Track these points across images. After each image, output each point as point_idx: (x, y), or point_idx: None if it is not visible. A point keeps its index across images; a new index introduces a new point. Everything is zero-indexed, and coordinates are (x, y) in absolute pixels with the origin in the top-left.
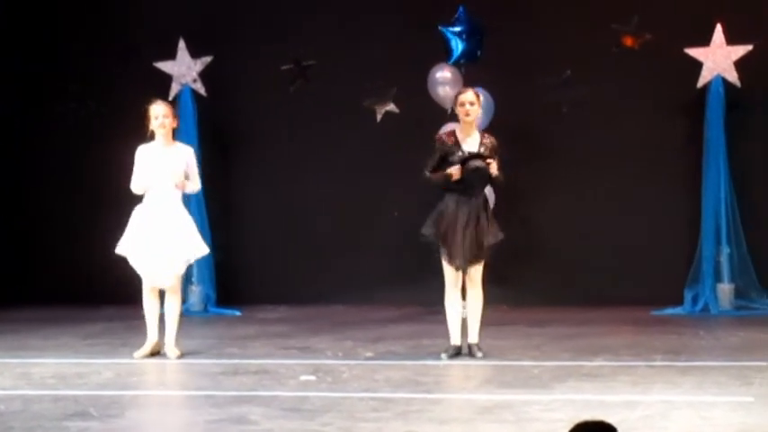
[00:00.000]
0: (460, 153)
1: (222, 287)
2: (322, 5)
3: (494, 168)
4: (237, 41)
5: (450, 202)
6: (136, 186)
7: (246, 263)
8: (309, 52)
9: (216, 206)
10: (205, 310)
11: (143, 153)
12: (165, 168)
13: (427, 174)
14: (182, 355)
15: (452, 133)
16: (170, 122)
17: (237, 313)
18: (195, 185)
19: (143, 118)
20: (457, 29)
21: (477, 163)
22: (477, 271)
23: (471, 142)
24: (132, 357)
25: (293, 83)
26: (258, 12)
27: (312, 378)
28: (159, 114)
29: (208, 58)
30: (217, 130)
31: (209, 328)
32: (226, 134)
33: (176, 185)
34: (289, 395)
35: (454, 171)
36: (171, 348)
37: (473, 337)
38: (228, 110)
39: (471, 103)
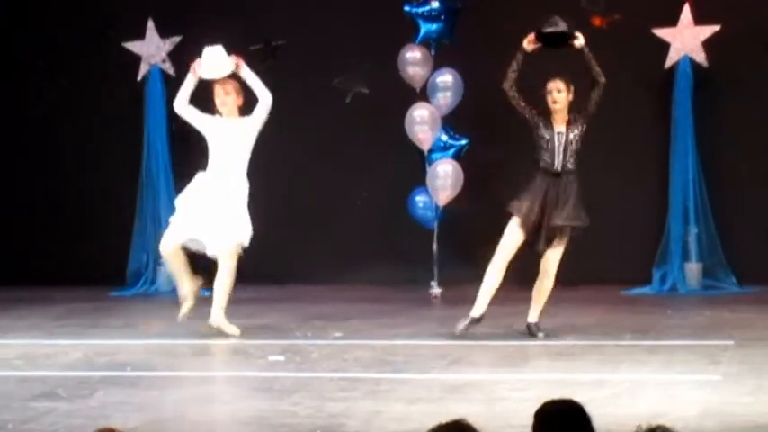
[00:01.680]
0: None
1: (191, 267)
2: None
3: (580, 41)
4: (207, 21)
5: (537, 178)
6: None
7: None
8: (279, 32)
9: (185, 186)
10: (174, 290)
11: (207, 117)
12: (226, 142)
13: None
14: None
15: (543, 115)
16: (231, 100)
17: (207, 293)
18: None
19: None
20: (426, 9)
21: (553, 28)
22: (554, 257)
23: (561, 127)
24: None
25: (263, 62)
26: None
27: (281, 358)
28: (219, 93)
29: (177, 39)
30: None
31: (176, 309)
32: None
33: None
34: (258, 375)
35: (528, 38)
36: (224, 322)
37: (534, 317)
38: (197, 90)
39: (559, 91)
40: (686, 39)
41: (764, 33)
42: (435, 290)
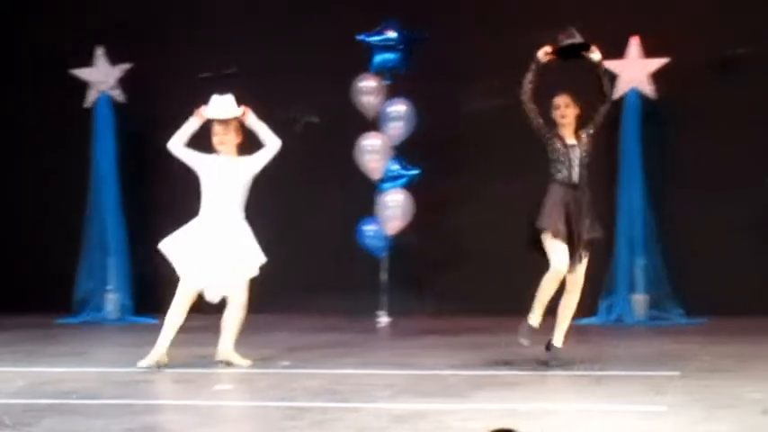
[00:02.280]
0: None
1: (139, 295)
2: (244, 14)
3: (596, 53)
4: (157, 49)
5: (554, 192)
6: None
7: (165, 271)
8: (231, 60)
9: (133, 213)
10: (121, 318)
11: (204, 156)
12: (225, 182)
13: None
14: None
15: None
16: (231, 139)
17: (155, 321)
18: (271, 138)
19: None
20: (381, 38)
21: (572, 40)
22: (582, 271)
23: (570, 138)
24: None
25: (213, 91)
26: (179, 19)
27: (229, 387)
28: (218, 132)
29: (127, 66)
30: (135, 136)
31: (125, 337)
32: (144, 141)
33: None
34: (205, 404)
35: (544, 50)
36: (234, 355)
37: (558, 340)
38: (147, 117)
39: (567, 105)
40: (634, 71)
41: (711, 65)
42: (383, 319)
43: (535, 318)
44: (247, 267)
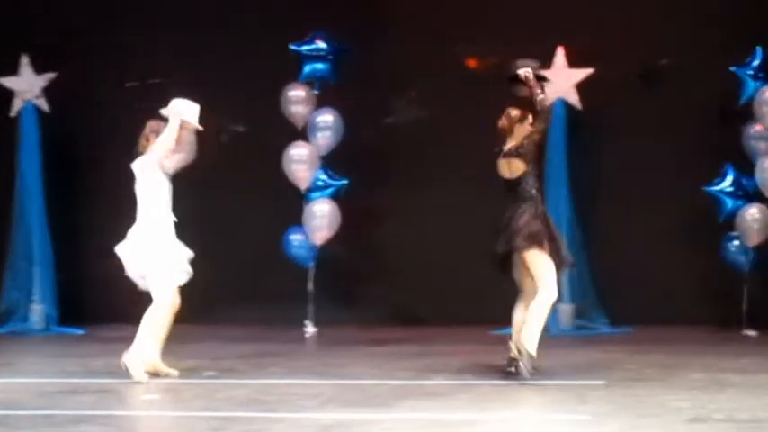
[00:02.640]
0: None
1: (65, 306)
2: (171, 23)
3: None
4: (82, 58)
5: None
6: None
7: (90, 282)
8: (159, 69)
9: (58, 224)
10: (47, 328)
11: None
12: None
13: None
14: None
15: None
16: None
17: (80, 332)
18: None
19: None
20: (311, 48)
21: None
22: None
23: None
24: None
25: (142, 100)
26: (105, 27)
27: (154, 397)
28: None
29: (51, 75)
30: (60, 146)
31: (50, 347)
32: (70, 150)
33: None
34: (129, 414)
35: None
36: (161, 365)
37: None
38: (73, 126)
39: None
40: (560, 81)
41: (636, 75)
42: (310, 329)
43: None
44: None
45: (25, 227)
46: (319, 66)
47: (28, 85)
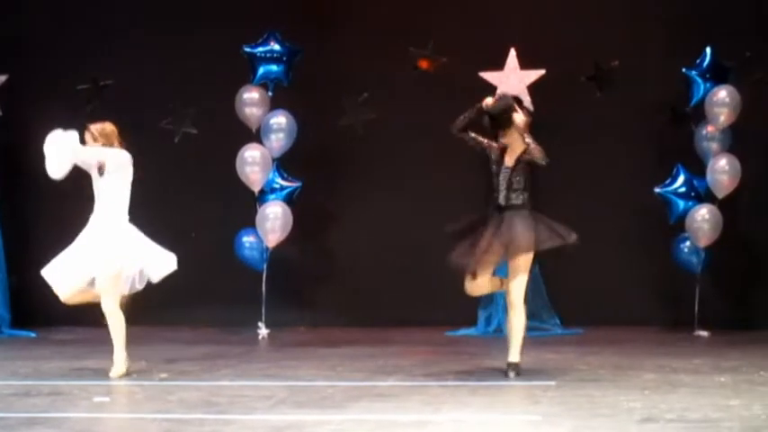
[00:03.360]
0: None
1: (17, 309)
2: (123, 24)
3: (518, 117)
4: (34, 60)
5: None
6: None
7: (43, 284)
8: (109, 71)
9: (10, 226)
10: None
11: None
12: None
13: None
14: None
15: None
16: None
17: (32, 335)
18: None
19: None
20: (265, 50)
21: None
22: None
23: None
24: None
25: (90, 102)
26: (55, 30)
27: (106, 399)
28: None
29: (3, 77)
30: (12, 149)
31: (2, 350)
32: (20, 153)
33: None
34: (82, 416)
35: (486, 101)
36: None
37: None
38: (24, 129)
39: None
40: (512, 82)
41: (587, 77)
42: (263, 331)
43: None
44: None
45: None
46: (273, 67)
47: None
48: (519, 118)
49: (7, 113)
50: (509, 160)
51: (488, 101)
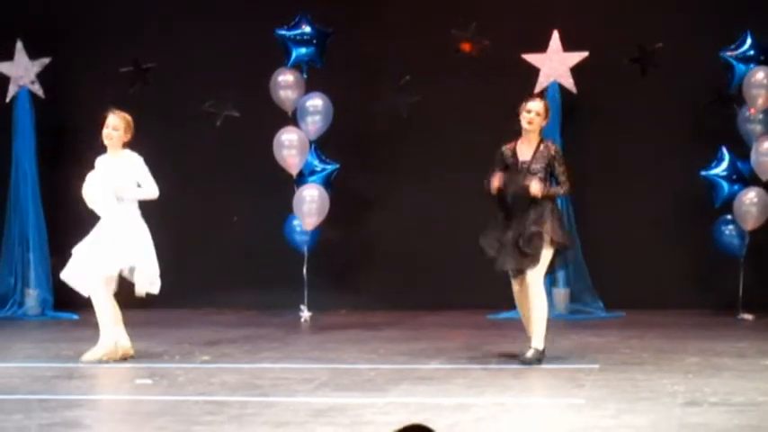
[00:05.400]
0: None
1: (60, 291)
2: (162, 9)
3: (534, 188)
4: (77, 43)
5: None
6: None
7: None
8: (150, 55)
9: (53, 209)
10: (42, 313)
11: (97, 164)
12: (107, 179)
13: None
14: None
15: (508, 146)
16: (118, 135)
17: (75, 317)
18: (149, 191)
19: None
20: (297, 33)
21: (517, 187)
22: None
23: (527, 151)
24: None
25: (133, 85)
26: (97, 13)
27: (148, 381)
28: (108, 125)
29: (46, 60)
30: (55, 132)
31: (45, 332)
32: (64, 136)
33: (115, 193)
34: (123, 398)
35: (494, 181)
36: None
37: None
38: (67, 112)
39: (537, 114)
40: (555, 65)
41: (630, 59)
42: (305, 314)
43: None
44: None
45: (20, 213)
46: (306, 50)
47: (22, 70)
48: (534, 189)
49: (50, 96)
50: (528, 146)
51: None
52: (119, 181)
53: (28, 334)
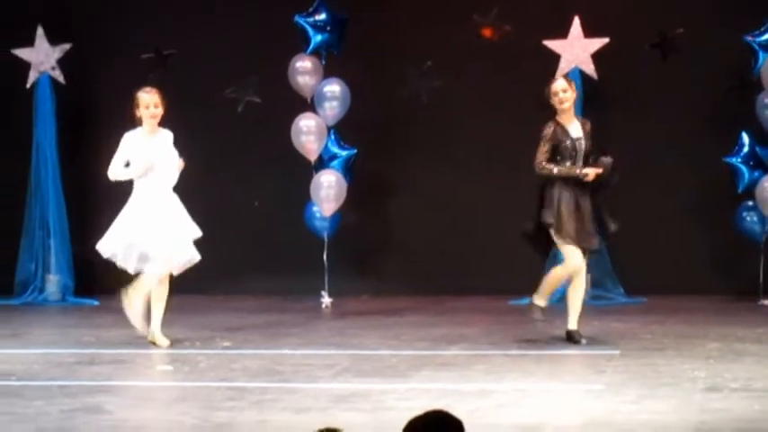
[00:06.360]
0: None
1: (81, 277)
2: None
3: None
4: (96, 29)
5: (561, 188)
6: (114, 172)
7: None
8: (170, 41)
9: (74, 195)
10: (63, 299)
11: (129, 140)
12: (157, 154)
13: (547, 167)
14: (171, 344)
15: (555, 123)
16: (160, 112)
17: (96, 303)
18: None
19: (131, 104)
20: (314, 19)
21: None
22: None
23: (574, 129)
24: None
25: (153, 71)
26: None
27: (169, 368)
28: (150, 104)
29: (66, 46)
30: (76, 117)
31: (66, 318)
32: (85, 122)
33: (180, 165)
34: (145, 384)
35: (588, 171)
36: (161, 337)
37: (573, 324)
38: (88, 98)
39: (564, 91)
40: (576, 51)
41: (651, 45)
42: (326, 300)
43: (544, 300)
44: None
45: (41, 198)
46: (322, 37)
47: (43, 56)
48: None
49: (70, 82)
50: (569, 123)
51: (590, 173)
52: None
53: (49, 320)
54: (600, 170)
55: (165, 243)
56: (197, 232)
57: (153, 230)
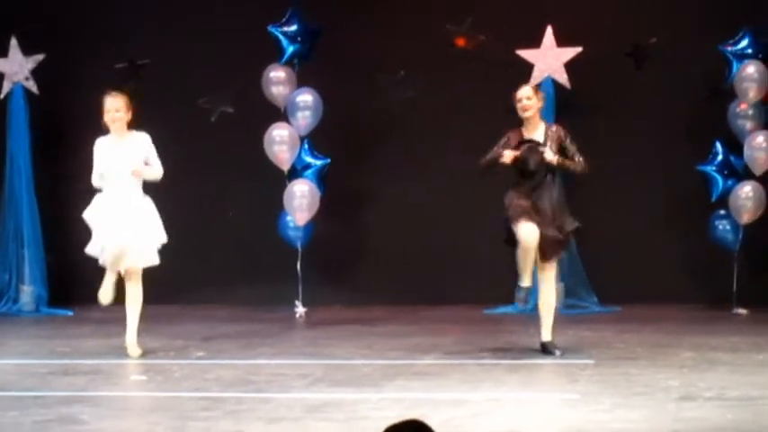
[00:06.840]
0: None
1: (55, 287)
2: (155, 5)
3: (548, 154)
4: (71, 39)
5: (517, 191)
6: (94, 179)
7: (80, 263)
8: (143, 51)
9: (48, 205)
10: (37, 310)
11: (99, 146)
12: (120, 159)
13: (478, 163)
14: (144, 354)
15: (513, 131)
16: (121, 116)
17: (70, 313)
18: (156, 171)
19: (101, 109)
20: (288, 29)
21: (531, 145)
22: (552, 268)
23: (537, 136)
24: None
25: (127, 82)
26: (92, 9)
27: (143, 378)
28: (110, 109)
29: (40, 56)
30: (49, 128)
31: (40, 328)
32: (58, 133)
33: (133, 173)
34: (119, 395)
35: (506, 153)
36: (134, 347)
37: (547, 335)
38: (61, 108)
39: (528, 98)
40: (549, 60)
41: (625, 54)
42: (300, 309)
43: (528, 280)
44: (153, 245)
45: (15, 208)
46: (294, 47)
47: (17, 66)
48: (549, 156)
49: (44, 92)
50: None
51: (507, 155)
52: (139, 163)
53: (22, 330)
54: (518, 153)
55: (126, 242)
56: (163, 238)
57: (116, 232)
